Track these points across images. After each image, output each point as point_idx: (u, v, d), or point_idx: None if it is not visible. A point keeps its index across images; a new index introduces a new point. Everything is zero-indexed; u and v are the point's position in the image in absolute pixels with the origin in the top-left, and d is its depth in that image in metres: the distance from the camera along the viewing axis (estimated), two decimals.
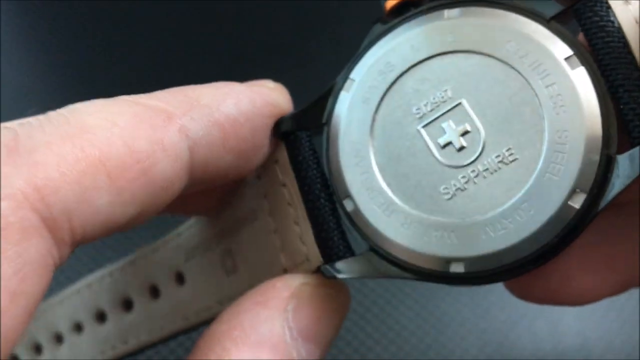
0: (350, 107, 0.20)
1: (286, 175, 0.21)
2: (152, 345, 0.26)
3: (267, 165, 0.22)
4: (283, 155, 0.21)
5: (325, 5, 0.51)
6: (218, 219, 0.24)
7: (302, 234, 0.21)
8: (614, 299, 0.36)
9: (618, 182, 0.18)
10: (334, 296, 0.21)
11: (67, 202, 0.16)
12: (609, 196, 0.18)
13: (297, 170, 0.21)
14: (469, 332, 0.36)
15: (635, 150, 0.18)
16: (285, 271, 0.21)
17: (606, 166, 0.18)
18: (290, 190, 0.21)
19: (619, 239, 0.23)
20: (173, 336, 0.25)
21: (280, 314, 0.20)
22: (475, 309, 0.27)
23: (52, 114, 0.17)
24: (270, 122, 0.21)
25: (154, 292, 0.25)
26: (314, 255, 0.21)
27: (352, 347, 0.36)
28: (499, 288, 0.24)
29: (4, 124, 0.16)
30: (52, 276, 0.16)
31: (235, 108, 0.20)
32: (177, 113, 0.19)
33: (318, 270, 0.20)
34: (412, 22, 0.20)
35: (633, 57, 0.18)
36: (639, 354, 0.35)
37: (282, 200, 0.21)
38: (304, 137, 0.21)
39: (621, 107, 0.18)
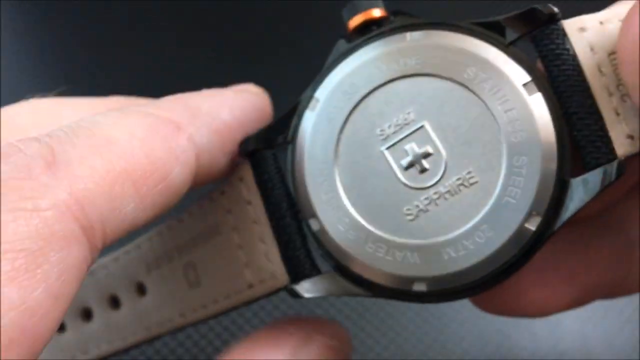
0: (315, 126, 0.21)
1: (251, 193, 0.22)
2: (114, 354, 0.26)
3: (231, 182, 0.22)
4: (248, 173, 0.22)
5: (325, 5, 0.51)
6: (179, 231, 0.24)
7: (267, 252, 0.21)
8: (614, 299, 0.36)
9: (572, 204, 0.19)
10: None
11: (102, 210, 0.17)
12: (563, 218, 0.19)
13: (262, 189, 0.21)
14: (469, 332, 0.36)
15: (588, 175, 0.19)
16: (250, 286, 0.22)
17: (561, 190, 0.19)
18: (256, 208, 0.22)
19: (574, 255, 0.24)
20: (136, 346, 0.25)
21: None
22: (475, 309, 0.27)
23: (75, 126, 0.18)
24: (256, 127, 0.22)
25: (114, 302, 0.25)
26: (280, 272, 0.21)
27: (352, 347, 0.35)
28: None
29: (35, 137, 0.17)
30: (84, 278, 0.17)
31: (230, 115, 0.22)
32: (185, 122, 0.20)
33: (285, 289, 0.21)
34: (376, 44, 0.20)
35: (587, 85, 0.19)
36: (639, 354, 0.35)
37: (247, 218, 0.22)
38: (269, 155, 0.21)
39: (575, 133, 0.19)
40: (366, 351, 0.35)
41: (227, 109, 0.22)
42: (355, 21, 0.21)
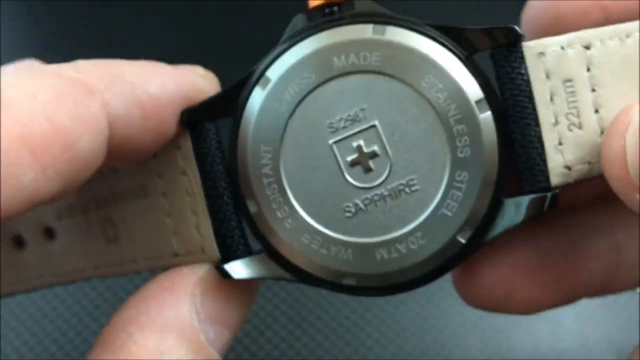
0: (263, 106, 0.20)
1: (187, 164, 0.21)
2: (13, 295, 0.25)
3: (166, 148, 0.21)
4: (187, 143, 0.21)
5: None
6: (97, 184, 0.23)
7: (199, 225, 0.21)
8: (614, 299, 0.36)
9: (502, 223, 0.20)
10: (241, 281, 0.21)
11: None
12: (491, 235, 0.20)
13: (201, 162, 0.21)
14: (469, 332, 0.36)
15: (521, 199, 0.20)
16: (176, 255, 0.21)
17: (494, 208, 0.20)
18: (191, 180, 0.21)
19: (563, 256, 0.24)
20: (43, 287, 0.25)
21: (187, 298, 0.20)
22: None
23: None
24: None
25: (19, 242, 0.25)
26: (210, 248, 0.21)
27: (352, 347, 0.36)
28: None
29: None
30: None
31: (159, 89, 0.20)
32: (100, 88, 0.18)
33: (214, 267, 0.21)
34: (338, 30, 0.20)
35: (536, 114, 0.19)
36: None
37: (180, 187, 0.21)
38: (211, 128, 0.21)
39: (515, 156, 0.20)
40: (366, 351, 0.35)
41: (157, 82, 0.20)
42: (315, 1, 0.21)
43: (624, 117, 0.19)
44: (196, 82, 0.21)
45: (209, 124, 0.21)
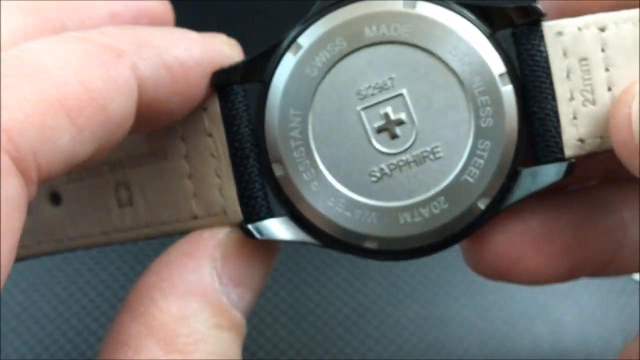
0: (294, 71, 0.20)
1: (214, 125, 0.21)
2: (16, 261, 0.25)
3: (192, 110, 0.21)
4: (214, 105, 0.21)
5: None
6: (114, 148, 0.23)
7: (222, 187, 0.21)
8: (614, 298, 0.36)
9: (518, 192, 0.21)
10: (262, 243, 0.21)
11: (33, 142, 0.16)
12: (508, 203, 0.21)
13: (228, 124, 0.21)
14: (469, 332, 0.36)
15: (538, 168, 0.20)
16: (195, 218, 0.22)
17: (512, 177, 0.20)
18: (217, 142, 0.21)
19: (570, 229, 0.24)
20: (43, 255, 0.24)
21: (208, 262, 0.20)
22: (475, 309, 0.27)
23: (5, 55, 0.17)
24: None
25: None
26: (233, 210, 0.21)
27: (352, 347, 0.36)
28: (499, 288, 0.24)
29: None
30: (26, 213, 0.17)
31: (185, 52, 0.20)
32: (128, 50, 0.19)
33: (238, 227, 0.21)
34: (371, 3, 0.21)
35: (553, 89, 0.20)
36: (639, 354, 0.35)
37: (204, 149, 0.21)
38: (239, 92, 0.21)
39: (532, 129, 0.21)
40: (366, 351, 0.35)
41: (183, 46, 0.20)
42: None
43: (631, 88, 0.20)
44: (221, 48, 0.21)
45: (237, 87, 0.21)
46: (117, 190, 0.23)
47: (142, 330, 0.19)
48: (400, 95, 0.20)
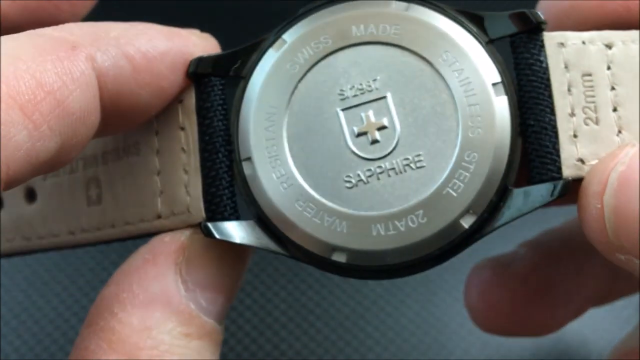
0: (275, 66, 0.20)
1: (187, 119, 0.20)
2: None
3: (168, 104, 0.21)
4: (190, 97, 0.20)
5: None
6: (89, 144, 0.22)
7: (188, 184, 0.20)
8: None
9: (508, 212, 0.19)
10: (229, 243, 0.20)
11: None
12: (496, 224, 0.19)
13: (201, 116, 0.20)
14: (469, 332, 0.36)
15: (531, 188, 0.19)
16: (158, 217, 0.21)
17: (501, 195, 0.19)
18: (188, 136, 0.20)
19: (569, 278, 0.24)
20: (12, 255, 0.24)
21: (171, 268, 0.19)
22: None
23: None
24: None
25: None
26: (197, 209, 0.20)
27: (352, 347, 0.35)
28: None
29: None
30: None
31: (148, 43, 0.19)
32: (83, 43, 0.18)
33: (198, 226, 0.20)
34: (361, 3, 0.20)
35: (552, 102, 0.19)
36: (639, 354, 0.35)
37: (176, 144, 0.20)
38: (217, 84, 0.20)
39: (527, 145, 0.19)
40: (366, 351, 0.35)
41: (145, 37, 0.19)
42: None
43: (600, 174, 0.18)
44: (191, 39, 0.20)
45: (215, 79, 0.20)
46: (88, 187, 0.22)
47: (102, 346, 0.18)
48: (384, 98, 0.19)
